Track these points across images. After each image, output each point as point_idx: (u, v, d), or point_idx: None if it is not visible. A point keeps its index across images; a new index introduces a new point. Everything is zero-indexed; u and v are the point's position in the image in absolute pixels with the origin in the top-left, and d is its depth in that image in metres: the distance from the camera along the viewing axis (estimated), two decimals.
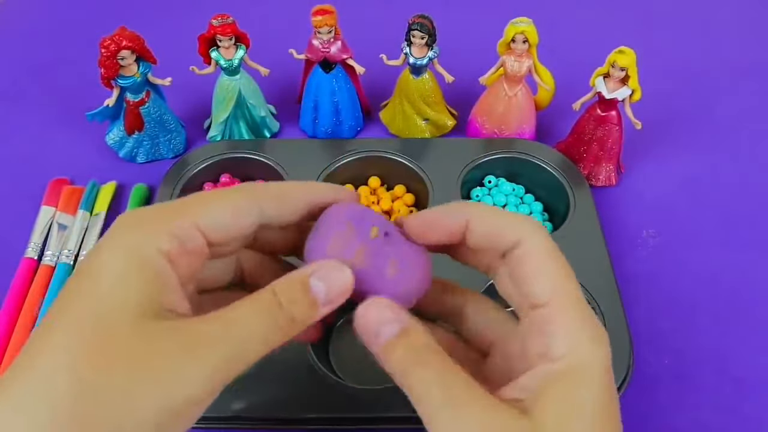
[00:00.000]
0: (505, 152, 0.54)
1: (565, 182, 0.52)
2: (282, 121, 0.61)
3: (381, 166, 0.55)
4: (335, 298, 0.24)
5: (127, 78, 0.52)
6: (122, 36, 0.50)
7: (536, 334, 0.24)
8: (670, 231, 0.53)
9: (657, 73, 0.57)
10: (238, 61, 0.54)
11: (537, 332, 0.24)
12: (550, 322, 0.24)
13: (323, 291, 0.24)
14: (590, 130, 0.54)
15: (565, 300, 0.24)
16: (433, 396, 0.23)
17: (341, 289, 0.24)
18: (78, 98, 0.62)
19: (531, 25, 0.52)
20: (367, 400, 0.39)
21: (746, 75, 0.67)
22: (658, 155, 0.59)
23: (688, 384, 0.44)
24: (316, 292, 0.24)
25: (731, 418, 0.43)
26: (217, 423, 0.40)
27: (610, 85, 0.51)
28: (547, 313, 0.24)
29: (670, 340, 0.46)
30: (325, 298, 0.24)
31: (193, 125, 0.61)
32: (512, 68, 0.53)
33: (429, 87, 0.57)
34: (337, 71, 0.56)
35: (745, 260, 0.51)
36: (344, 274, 0.24)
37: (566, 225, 0.49)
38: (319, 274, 0.24)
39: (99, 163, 0.58)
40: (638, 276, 0.50)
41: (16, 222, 0.53)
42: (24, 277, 0.48)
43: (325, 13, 0.52)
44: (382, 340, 0.24)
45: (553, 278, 0.24)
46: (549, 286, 0.24)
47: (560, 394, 0.23)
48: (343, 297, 0.25)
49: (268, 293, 0.24)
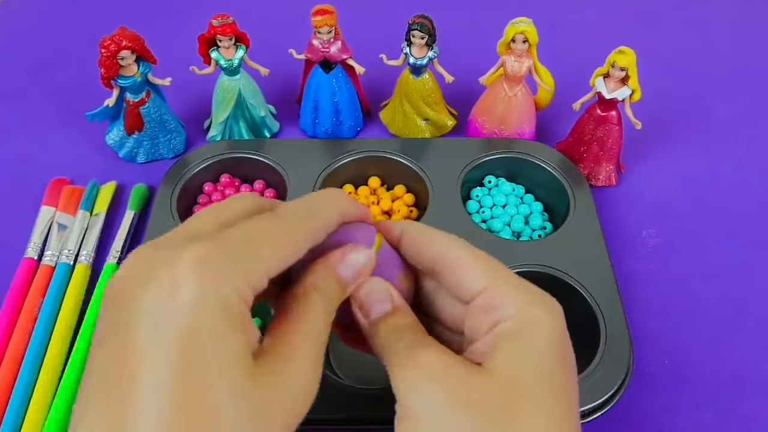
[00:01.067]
0: (505, 152, 0.54)
1: (565, 182, 0.52)
2: (282, 121, 0.61)
3: (381, 166, 0.55)
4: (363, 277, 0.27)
5: (127, 78, 0.52)
6: (122, 36, 0.50)
7: (483, 314, 0.26)
8: (670, 231, 0.53)
9: (657, 73, 0.57)
10: (238, 61, 0.54)
11: (483, 312, 0.26)
12: (493, 298, 0.26)
13: (350, 274, 0.27)
14: (590, 130, 0.54)
15: (502, 280, 0.27)
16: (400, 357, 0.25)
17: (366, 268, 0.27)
18: (78, 98, 0.62)
19: (531, 25, 0.52)
20: (367, 400, 0.39)
21: (746, 75, 0.67)
22: (658, 155, 0.59)
23: (688, 384, 0.44)
24: (344, 275, 0.27)
25: (731, 418, 0.43)
26: None
27: (610, 85, 0.51)
28: (487, 294, 0.26)
29: (670, 340, 0.46)
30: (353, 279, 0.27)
31: (193, 125, 0.61)
32: (512, 68, 0.53)
33: (429, 87, 0.57)
34: (337, 71, 0.56)
35: (745, 260, 0.51)
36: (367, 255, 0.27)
37: (566, 225, 0.49)
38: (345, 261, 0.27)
39: (99, 163, 0.58)
40: (638, 276, 0.50)
41: (16, 222, 0.53)
42: (24, 277, 0.48)
43: (325, 13, 0.52)
44: (373, 316, 0.27)
45: (483, 268, 0.27)
46: (481, 274, 0.27)
47: (511, 345, 0.25)
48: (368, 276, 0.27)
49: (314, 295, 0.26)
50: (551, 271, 0.46)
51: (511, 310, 0.26)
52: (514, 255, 0.47)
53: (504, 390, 0.24)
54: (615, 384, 0.40)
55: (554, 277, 0.46)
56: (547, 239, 0.50)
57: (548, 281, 0.46)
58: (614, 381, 0.40)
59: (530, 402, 0.24)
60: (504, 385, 0.24)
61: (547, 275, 0.46)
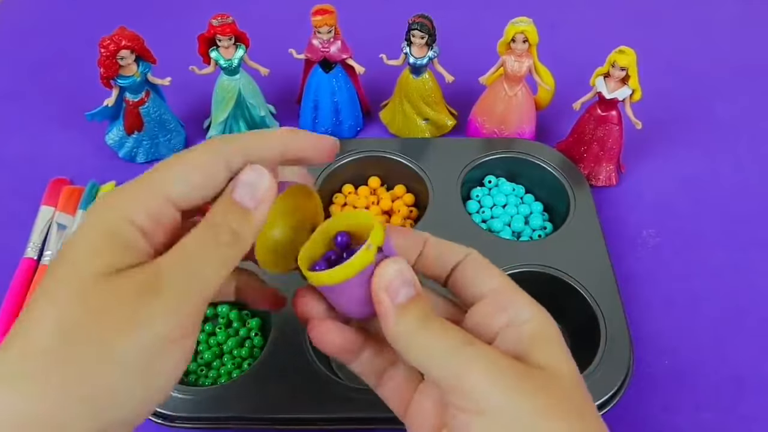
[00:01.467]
0: (505, 152, 0.54)
1: (565, 182, 0.52)
2: (282, 121, 0.61)
3: (381, 166, 0.55)
4: (263, 198, 0.25)
5: (127, 78, 0.52)
6: (122, 36, 0.50)
7: (495, 311, 0.27)
8: (670, 231, 0.53)
9: (657, 73, 0.57)
10: (238, 61, 0.54)
11: (495, 309, 0.27)
12: (507, 298, 0.27)
13: (248, 196, 0.25)
14: (590, 130, 0.54)
15: (512, 287, 0.28)
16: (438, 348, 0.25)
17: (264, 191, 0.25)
18: (78, 98, 0.62)
19: (531, 25, 0.52)
20: (366, 400, 0.39)
21: (746, 75, 0.67)
22: (658, 155, 0.59)
23: (688, 384, 0.44)
24: (241, 199, 0.25)
25: (731, 418, 0.43)
26: (218, 423, 0.40)
27: (611, 85, 0.51)
28: (501, 294, 0.27)
29: (670, 340, 0.46)
30: (253, 202, 0.25)
31: (193, 125, 0.61)
32: (512, 68, 0.53)
33: (429, 87, 0.56)
34: (337, 71, 0.56)
35: (745, 260, 0.51)
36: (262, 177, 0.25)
37: (566, 225, 0.49)
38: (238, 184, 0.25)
39: (99, 163, 0.58)
40: (638, 276, 0.50)
41: (16, 222, 0.53)
42: (23, 277, 0.48)
43: (325, 13, 0.52)
44: (399, 300, 0.25)
45: (496, 275, 0.28)
46: (495, 280, 0.28)
47: (550, 346, 0.26)
48: (271, 194, 0.25)
49: (204, 220, 0.25)
50: (551, 271, 0.46)
51: (526, 313, 0.26)
52: (514, 255, 0.47)
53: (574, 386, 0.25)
54: (615, 384, 0.40)
55: (554, 277, 0.46)
56: (547, 239, 0.50)
57: (548, 281, 0.46)
58: (614, 381, 0.40)
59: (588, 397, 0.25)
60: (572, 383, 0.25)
61: (547, 275, 0.46)
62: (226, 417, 0.39)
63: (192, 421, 0.40)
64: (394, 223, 0.52)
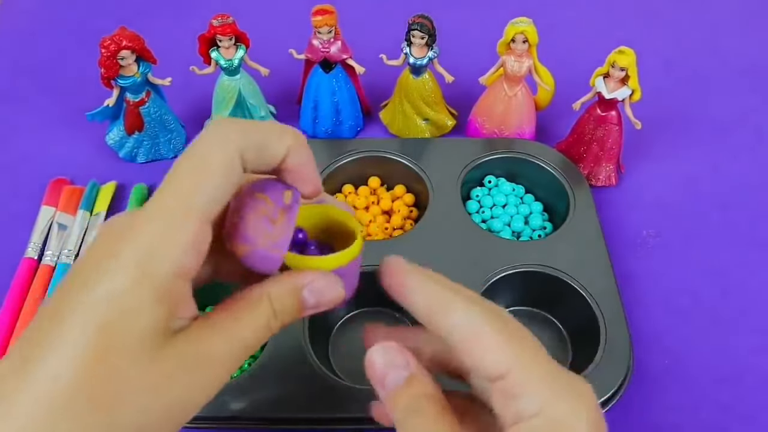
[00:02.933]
0: (505, 152, 0.54)
1: (565, 182, 0.52)
2: (282, 121, 0.61)
3: (381, 166, 0.55)
4: (322, 305, 0.26)
5: (127, 78, 0.52)
6: (122, 36, 0.50)
7: (505, 400, 0.23)
8: (670, 231, 0.53)
9: (657, 72, 0.57)
10: (238, 61, 0.54)
11: (504, 398, 0.23)
12: (514, 386, 0.23)
13: (313, 302, 0.25)
14: (590, 130, 0.54)
15: (526, 364, 0.23)
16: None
17: (331, 303, 0.26)
18: (78, 98, 0.62)
19: (531, 25, 0.52)
20: (367, 400, 0.39)
21: (746, 75, 0.67)
22: (658, 155, 0.59)
23: (688, 384, 0.44)
24: (307, 301, 0.25)
25: (731, 418, 0.43)
26: (217, 423, 0.40)
27: (610, 85, 0.51)
28: (509, 380, 0.23)
29: (670, 341, 0.46)
30: (313, 307, 0.26)
31: (193, 125, 0.61)
32: (512, 68, 0.53)
33: (429, 87, 0.57)
34: (337, 71, 0.56)
35: (745, 260, 0.51)
36: (337, 291, 0.26)
37: (566, 225, 0.49)
38: (312, 287, 0.25)
39: (99, 163, 0.58)
40: (638, 276, 0.50)
41: (16, 222, 0.53)
42: (24, 277, 0.48)
43: (325, 13, 0.52)
44: (389, 387, 0.25)
45: (505, 347, 0.23)
46: (503, 356, 0.23)
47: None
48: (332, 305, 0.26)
49: (265, 304, 0.24)
50: (551, 271, 0.46)
51: (534, 406, 0.23)
52: (514, 255, 0.47)
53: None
54: (615, 384, 0.40)
55: (554, 277, 0.46)
56: (547, 239, 0.50)
57: (548, 281, 0.46)
58: (614, 381, 0.40)
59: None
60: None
61: (547, 275, 0.46)
62: (226, 417, 0.39)
63: (191, 420, 0.39)
64: (394, 223, 0.52)
